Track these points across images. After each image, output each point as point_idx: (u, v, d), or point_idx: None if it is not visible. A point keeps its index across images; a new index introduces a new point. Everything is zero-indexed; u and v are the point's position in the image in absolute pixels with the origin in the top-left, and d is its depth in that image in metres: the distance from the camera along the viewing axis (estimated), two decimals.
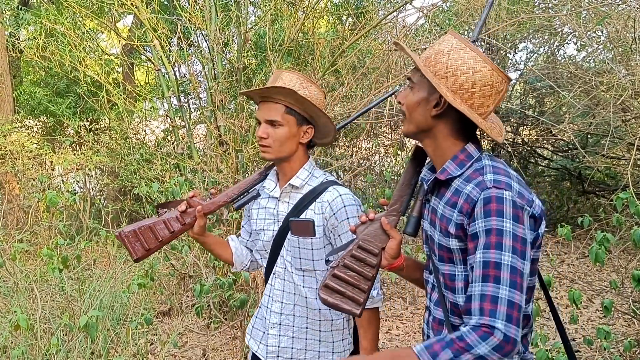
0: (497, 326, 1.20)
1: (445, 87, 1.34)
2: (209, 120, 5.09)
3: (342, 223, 1.84)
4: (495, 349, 1.20)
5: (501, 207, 1.27)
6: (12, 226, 6.53)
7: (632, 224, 3.99)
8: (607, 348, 3.17)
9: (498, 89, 1.35)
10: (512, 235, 1.25)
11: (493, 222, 1.27)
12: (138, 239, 1.78)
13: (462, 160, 1.40)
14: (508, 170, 1.37)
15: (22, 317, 2.78)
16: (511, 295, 1.22)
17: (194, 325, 4.72)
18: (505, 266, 1.24)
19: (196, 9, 5.03)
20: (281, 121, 1.81)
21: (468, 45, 1.34)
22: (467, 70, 1.32)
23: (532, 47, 7.84)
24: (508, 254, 1.24)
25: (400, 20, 5.93)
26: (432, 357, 1.23)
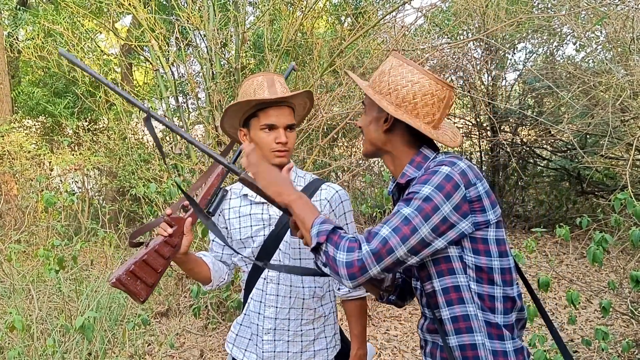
0: (362, 247, 1.29)
1: (387, 102, 1.43)
2: (206, 121, 5.08)
3: (341, 218, 1.91)
4: (347, 264, 1.29)
5: (429, 177, 1.34)
6: (10, 226, 6.52)
7: (630, 225, 3.99)
8: (605, 349, 3.17)
9: (440, 96, 1.42)
10: (425, 198, 1.31)
11: (415, 187, 1.35)
12: (137, 277, 1.65)
13: (419, 162, 1.47)
14: (462, 158, 1.42)
15: (18, 318, 2.76)
16: (389, 235, 1.29)
17: (191, 326, 4.71)
18: (400, 214, 1.31)
19: (194, 9, 5.02)
20: (295, 124, 1.87)
21: (406, 61, 1.43)
22: (406, 83, 1.42)
23: (531, 47, 7.85)
24: (409, 209, 1.31)
25: (398, 20, 5.93)
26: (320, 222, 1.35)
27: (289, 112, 1.83)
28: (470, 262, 1.39)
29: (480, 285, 1.40)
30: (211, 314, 4.58)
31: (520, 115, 7.44)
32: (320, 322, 1.94)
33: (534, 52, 7.90)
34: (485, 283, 1.40)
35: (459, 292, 1.41)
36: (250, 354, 1.94)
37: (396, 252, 1.30)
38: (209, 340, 4.45)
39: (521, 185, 8.41)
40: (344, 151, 7.77)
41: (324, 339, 1.95)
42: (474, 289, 1.40)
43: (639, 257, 4.55)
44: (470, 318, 1.40)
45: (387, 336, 4.49)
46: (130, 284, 1.63)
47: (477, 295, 1.40)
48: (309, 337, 1.92)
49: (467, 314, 1.40)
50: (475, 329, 1.40)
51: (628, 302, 4.04)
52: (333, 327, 1.98)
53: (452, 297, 1.42)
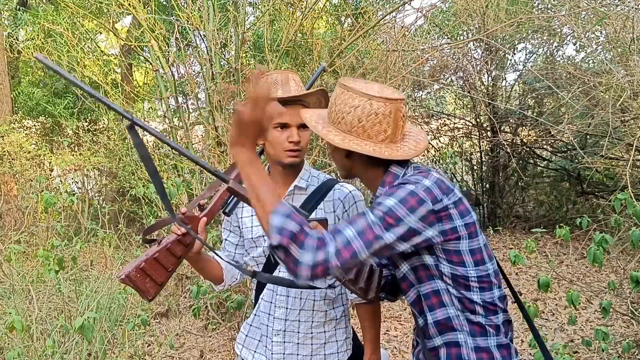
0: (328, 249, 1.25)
1: (339, 131, 1.47)
2: (206, 121, 5.07)
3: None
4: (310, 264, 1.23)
5: (394, 191, 1.36)
6: (10, 227, 6.52)
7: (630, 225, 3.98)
8: (606, 349, 3.17)
9: (384, 113, 1.44)
10: (388, 209, 1.32)
11: (380, 198, 1.37)
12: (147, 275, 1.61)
13: (390, 182, 1.49)
14: (429, 172, 1.43)
15: (17, 319, 2.76)
16: (353, 239, 1.28)
17: (191, 326, 4.70)
18: (365, 218, 1.32)
19: (194, 10, 5.01)
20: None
21: (346, 87, 1.46)
22: (349, 110, 1.45)
23: (531, 47, 7.85)
24: (371, 214, 1.32)
25: (398, 20, 5.92)
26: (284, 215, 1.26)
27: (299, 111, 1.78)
28: (446, 271, 1.43)
29: (459, 291, 1.43)
30: (211, 314, 4.58)
31: (520, 116, 7.44)
32: (332, 325, 1.90)
33: (534, 52, 7.90)
34: (463, 289, 1.43)
35: (439, 295, 1.45)
36: (260, 356, 1.93)
37: (359, 256, 1.29)
38: (209, 341, 4.45)
39: (521, 186, 8.41)
40: None
41: (335, 342, 1.91)
42: (453, 293, 1.44)
43: (639, 258, 4.54)
44: (452, 319, 1.45)
45: (387, 337, 4.49)
46: (140, 281, 1.61)
47: (457, 298, 1.44)
48: (319, 340, 1.89)
49: (448, 316, 1.45)
50: (458, 328, 1.45)
51: (628, 303, 4.04)
52: (345, 330, 1.94)
53: (433, 302, 1.46)
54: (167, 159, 5.55)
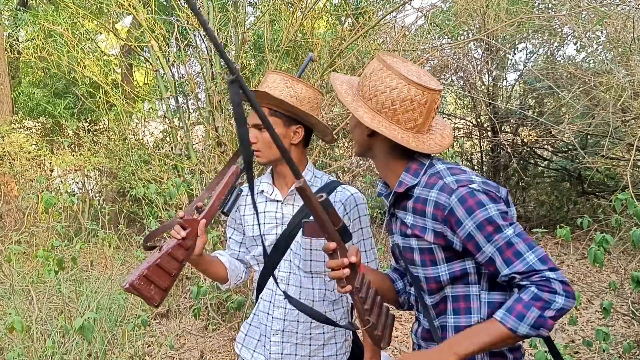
0: (550, 282, 1.25)
1: (368, 108, 1.42)
2: (207, 121, 5.07)
3: (354, 222, 1.85)
4: (565, 294, 1.24)
5: (477, 199, 1.32)
6: (10, 227, 6.52)
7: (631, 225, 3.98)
8: (607, 349, 3.16)
9: (420, 101, 1.39)
10: (500, 215, 1.31)
11: (479, 215, 1.31)
12: (151, 282, 1.61)
13: (416, 169, 1.45)
14: (463, 168, 1.43)
15: (17, 319, 2.76)
16: (537, 253, 1.28)
17: (191, 327, 4.70)
18: (515, 238, 1.30)
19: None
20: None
21: (387, 64, 1.40)
22: (384, 89, 1.39)
23: (532, 47, 7.84)
24: (509, 229, 1.30)
25: (399, 20, 5.92)
26: (518, 319, 1.25)
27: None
28: (485, 271, 1.40)
29: (492, 294, 1.41)
30: (211, 315, 4.57)
31: (520, 116, 7.44)
32: (329, 327, 1.89)
33: (535, 52, 7.89)
34: (498, 290, 1.41)
35: (469, 301, 1.42)
36: (259, 355, 1.92)
37: (545, 253, 1.31)
38: (209, 342, 4.44)
39: (522, 186, 8.40)
40: (345, 152, 7.75)
41: (334, 344, 1.90)
42: (483, 299, 1.41)
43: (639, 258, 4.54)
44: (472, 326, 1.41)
45: None
46: (144, 288, 1.61)
47: (486, 304, 1.41)
48: (318, 342, 1.88)
49: (470, 324, 1.41)
50: None
51: (629, 303, 4.03)
52: (344, 332, 1.93)
53: (460, 306, 1.43)
54: (167, 159, 5.55)
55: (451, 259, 1.40)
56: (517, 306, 1.26)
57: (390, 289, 1.64)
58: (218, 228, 4.77)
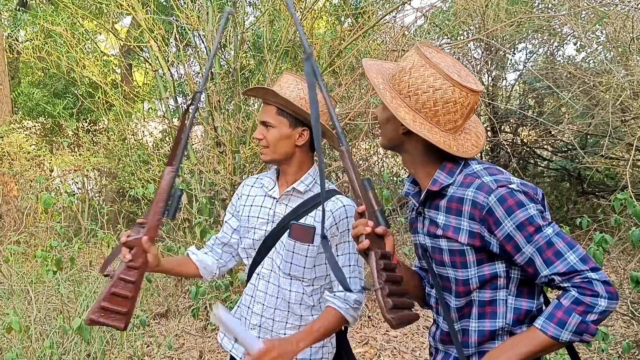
0: (590, 277, 1.23)
1: (407, 107, 1.36)
2: (206, 122, 5.07)
3: (343, 234, 1.81)
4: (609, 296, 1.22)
5: (517, 199, 1.29)
6: (9, 228, 6.52)
7: (630, 225, 3.98)
8: (606, 349, 3.16)
9: (463, 103, 1.34)
10: (540, 215, 1.29)
11: (519, 215, 1.28)
12: (110, 310, 1.63)
13: (451, 168, 1.41)
14: (500, 169, 1.39)
15: (15, 320, 2.75)
16: (577, 252, 1.26)
17: (190, 327, 4.70)
18: (555, 237, 1.28)
19: (193, 10, 5.01)
20: (273, 122, 1.80)
21: (429, 61, 1.33)
22: (427, 89, 1.33)
23: (531, 47, 7.83)
24: (549, 228, 1.28)
25: (398, 20, 5.92)
26: (560, 326, 1.24)
27: (267, 111, 1.81)
28: (515, 275, 1.38)
29: (519, 300, 1.38)
30: (210, 315, 4.57)
31: (520, 116, 7.43)
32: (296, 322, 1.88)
33: (534, 52, 7.89)
34: (525, 296, 1.38)
35: (495, 306, 1.39)
36: (239, 346, 1.92)
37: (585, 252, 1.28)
38: (208, 342, 4.44)
39: None
40: None
41: (309, 348, 1.84)
42: (510, 304, 1.38)
43: (639, 258, 4.54)
44: (497, 331, 1.39)
45: (387, 337, 4.48)
46: (106, 318, 1.63)
47: (512, 309, 1.38)
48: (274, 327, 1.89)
49: (495, 329, 1.39)
50: (498, 339, 1.39)
51: (628, 303, 4.03)
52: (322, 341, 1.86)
53: (486, 311, 1.40)
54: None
55: (482, 261, 1.37)
56: (557, 312, 1.24)
57: (418, 286, 1.61)
58: (217, 228, 4.77)
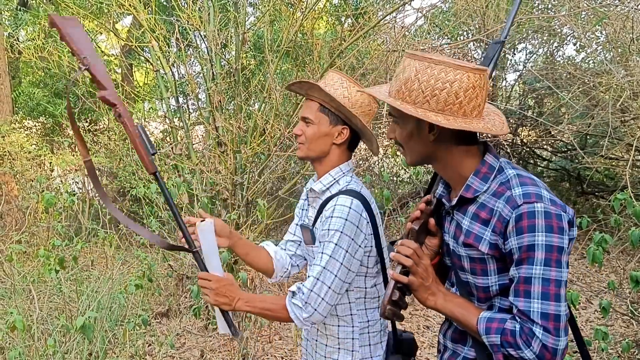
0: (537, 335, 1.24)
1: (430, 112, 1.31)
2: (207, 121, 5.08)
3: (323, 232, 1.74)
4: (538, 356, 1.23)
5: (533, 222, 1.26)
6: (11, 227, 6.53)
7: (630, 225, 3.99)
8: (605, 349, 3.17)
9: (480, 85, 1.32)
10: (545, 247, 1.25)
11: (525, 239, 1.27)
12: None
13: (485, 173, 1.38)
14: (533, 177, 1.35)
15: (19, 318, 2.77)
16: (544, 307, 1.25)
17: (191, 326, 4.71)
18: (536, 279, 1.26)
19: (194, 10, 5.02)
20: (313, 119, 1.79)
21: (431, 59, 1.31)
22: (443, 85, 1.30)
23: (531, 47, 7.85)
24: (539, 267, 1.26)
25: (399, 20, 5.93)
26: (486, 331, 1.30)
27: (309, 106, 1.80)
28: None
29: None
30: (211, 314, 4.58)
31: (520, 116, 7.45)
32: (333, 341, 1.85)
33: (534, 52, 7.91)
34: None
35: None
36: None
37: (561, 312, 1.26)
38: (210, 341, 4.45)
39: None
40: None
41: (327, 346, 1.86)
42: None
43: (639, 258, 4.55)
44: None
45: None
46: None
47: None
48: (320, 352, 1.88)
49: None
50: None
51: (628, 303, 4.04)
52: (350, 354, 1.82)
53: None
54: (167, 159, 5.56)
55: (502, 270, 1.36)
56: (496, 323, 1.30)
57: None
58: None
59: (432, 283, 1.39)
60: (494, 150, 1.42)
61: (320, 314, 1.69)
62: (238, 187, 4.95)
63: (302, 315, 1.68)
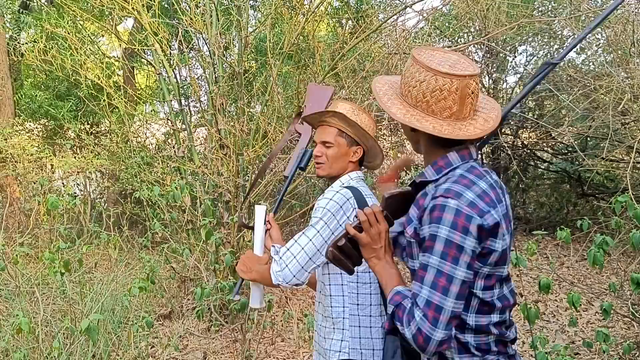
0: (416, 318, 1.32)
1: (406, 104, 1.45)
2: (209, 124, 5.10)
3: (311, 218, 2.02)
4: (412, 338, 1.32)
5: (441, 215, 1.34)
6: (13, 229, 6.54)
7: (631, 227, 4.00)
8: (607, 351, 3.18)
9: (449, 89, 1.39)
10: (445, 241, 1.33)
11: (432, 228, 1.35)
12: None
13: (440, 166, 1.46)
14: (476, 181, 1.40)
15: (24, 321, 2.79)
16: (430, 295, 1.32)
17: (194, 328, 4.73)
18: (431, 268, 1.34)
19: (197, 13, 5.05)
20: (333, 142, 2.07)
21: (416, 60, 1.43)
22: (415, 83, 1.42)
23: (532, 50, 7.87)
24: (436, 258, 1.33)
25: (400, 23, 5.96)
26: (389, 300, 1.41)
27: (328, 132, 2.08)
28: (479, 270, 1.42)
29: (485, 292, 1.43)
30: (214, 316, 4.60)
31: (521, 118, 7.47)
32: (329, 322, 2.03)
33: (535, 55, 7.93)
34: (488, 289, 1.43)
35: None
36: None
37: (445, 306, 1.31)
38: (212, 343, 4.47)
39: (522, 188, 8.43)
40: None
41: (331, 340, 2.01)
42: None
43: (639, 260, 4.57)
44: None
45: None
46: None
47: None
48: (321, 333, 2.08)
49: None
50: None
51: (629, 304, 4.05)
52: (341, 333, 2.00)
53: None
54: (169, 161, 5.58)
55: None
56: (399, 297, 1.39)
57: None
58: (220, 230, 4.80)
59: (380, 249, 1.48)
60: (468, 152, 1.47)
61: (291, 272, 1.91)
62: (240, 189, 4.97)
63: (275, 269, 1.93)
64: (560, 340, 4.35)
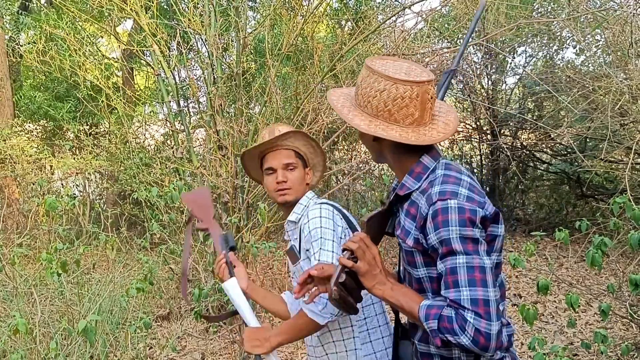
0: (469, 320, 1.28)
1: (366, 114, 1.45)
2: (208, 125, 5.10)
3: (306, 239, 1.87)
4: (472, 342, 1.27)
5: (447, 217, 1.34)
6: (12, 230, 6.54)
7: (629, 228, 4.00)
8: (605, 352, 3.18)
9: (410, 96, 1.41)
10: (461, 240, 1.33)
11: (441, 233, 1.34)
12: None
13: (419, 173, 1.48)
14: (460, 176, 1.42)
15: (21, 322, 2.78)
16: (473, 293, 1.30)
17: (192, 329, 4.72)
18: (461, 268, 1.32)
19: (195, 14, 5.05)
20: (295, 163, 1.96)
21: (371, 69, 1.44)
22: (374, 93, 1.43)
23: (531, 51, 7.87)
24: (461, 257, 1.32)
25: (399, 24, 5.96)
26: (424, 317, 1.35)
27: (287, 154, 1.95)
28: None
29: None
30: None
31: (520, 119, 7.47)
32: (331, 349, 1.91)
33: (534, 56, 7.93)
34: None
35: None
36: None
37: (490, 297, 1.30)
38: (210, 344, 4.47)
39: (521, 189, 8.43)
40: (345, 154, 7.79)
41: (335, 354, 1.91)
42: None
43: (638, 261, 4.57)
44: None
45: None
46: None
47: None
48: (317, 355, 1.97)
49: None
50: None
51: (627, 306, 4.05)
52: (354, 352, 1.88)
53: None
54: (168, 162, 5.57)
55: (429, 263, 1.43)
56: (435, 309, 1.34)
57: None
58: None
59: (380, 273, 1.45)
60: (436, 151, 1.50)
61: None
62: (239, 190, 4.96)
63: (317, 309, 1.75)
64: (558, 341, 4.34)
